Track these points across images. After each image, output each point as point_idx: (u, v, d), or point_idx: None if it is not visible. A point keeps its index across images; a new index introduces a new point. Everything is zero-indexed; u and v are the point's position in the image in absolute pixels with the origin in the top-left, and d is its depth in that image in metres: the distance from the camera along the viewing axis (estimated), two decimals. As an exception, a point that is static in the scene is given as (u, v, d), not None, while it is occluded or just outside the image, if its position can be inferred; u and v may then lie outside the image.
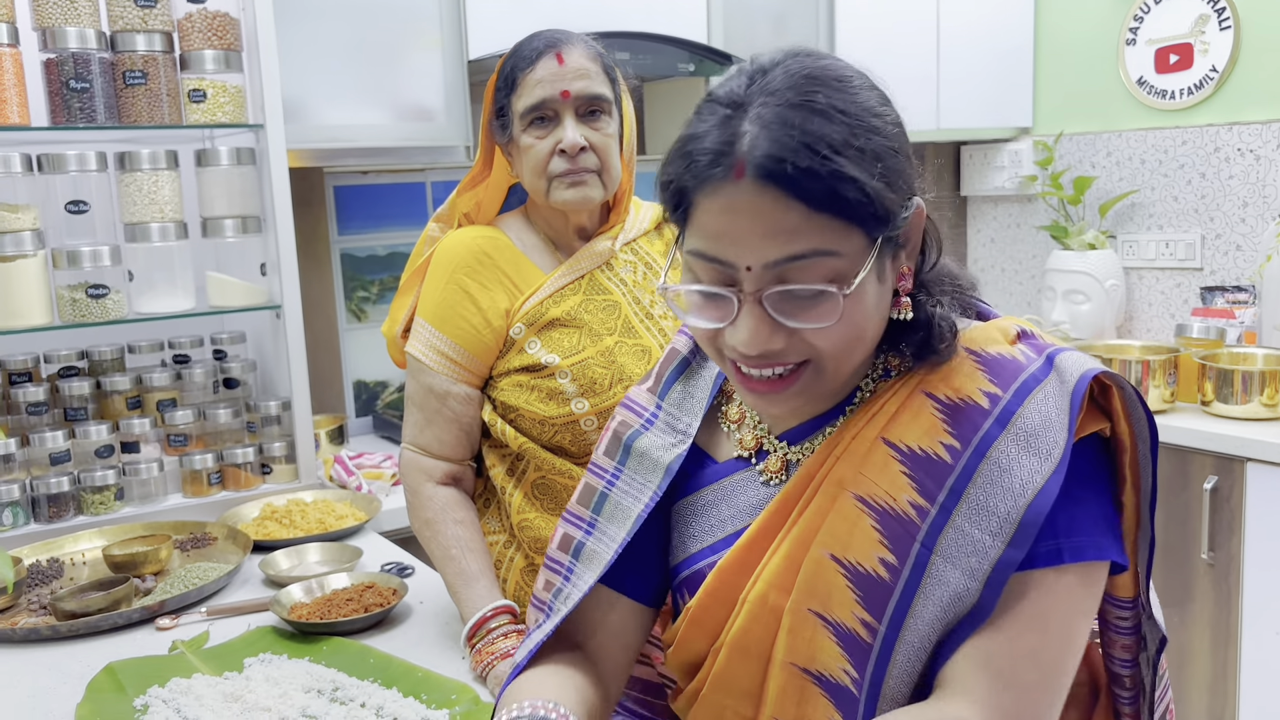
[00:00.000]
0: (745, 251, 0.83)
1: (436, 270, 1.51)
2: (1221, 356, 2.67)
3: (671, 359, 1.08)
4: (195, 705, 1.28)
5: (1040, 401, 0.86)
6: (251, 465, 2.14)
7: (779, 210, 0.81)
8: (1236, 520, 2.42)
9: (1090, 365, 0.88)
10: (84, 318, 1.96)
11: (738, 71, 0.89)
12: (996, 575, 0.84)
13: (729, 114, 0.84)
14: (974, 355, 0.91)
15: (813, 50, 0.89)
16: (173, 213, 2.03)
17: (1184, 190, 3.05)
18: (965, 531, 0.85)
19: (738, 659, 0.94)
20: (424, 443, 1.52)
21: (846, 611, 0.89)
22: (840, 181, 0.80)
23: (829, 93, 0.83)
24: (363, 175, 2.64)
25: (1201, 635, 2.53)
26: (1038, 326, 0.97)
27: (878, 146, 0.83)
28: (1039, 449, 0.85)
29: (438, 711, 1.26)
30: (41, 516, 1.98)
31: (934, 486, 0.87)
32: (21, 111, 1.88)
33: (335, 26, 2.22)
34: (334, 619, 1.49)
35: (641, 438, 1.04)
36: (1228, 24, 2.91)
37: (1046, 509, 0.83)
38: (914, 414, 0.90)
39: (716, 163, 0.82)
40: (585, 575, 1.01)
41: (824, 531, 0.90)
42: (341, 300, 2.66)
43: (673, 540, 1.03)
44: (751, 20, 2.75)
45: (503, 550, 1.54)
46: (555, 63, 1.42)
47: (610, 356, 1.47)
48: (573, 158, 1.43)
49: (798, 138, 0.80)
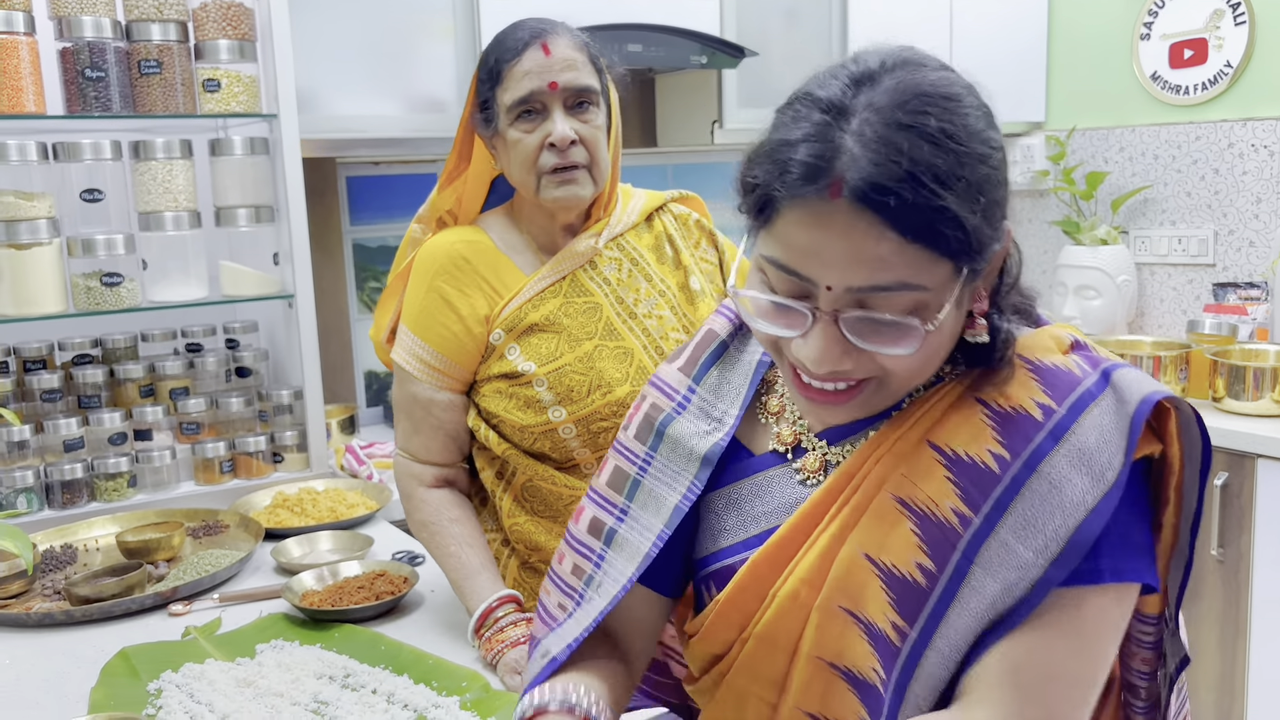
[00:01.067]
0: (828, 271, 0.79)
1: (417, 276, 1.49)
2: (1233, 353, 2.66)
3: (709, 341, 1.04)
4: (208, 690, 1.29)
5: (1096, 419, 0.84)
6: (263, 454, 2.15)
7: (871, 237, 0.77)
8: (1246, 517, 2.42)
9: (1152, 388, 0.85)
10: (98, 306, 1.97)
11: (838, 69, 0.83)
12: (1036, 592, 0.82)
13: (828, 121, 0.79)
14: (1027, 363, 0.88)
15: (921, 56, 0.84)
16: (186, 202, 2.04)
17: (1197, 186, 3.04)
18: (1009, 545, 0.83)
19: (764, 650, 0.94)
20: (413, 449, 1.52)
21: (879, 612, 0.87)
22: (941, 218, 0.76)
23: (939, 114, 0.78)
24: (375, 166, 2.65)
25: (1210, 632, 2.53)
26: (1080, 330, 0.96)
27: (982, 177, 0.79)
28: (1092, 469, 0.82)
29: (448, 698, 1.27)
30: (55, 503, 1.99)
31: (979, 496, 0.85)
32: (37, 100, 1.89)
33: (349, 17, 2.23)
34: (345, 606, 1.50)
35: (675, 423, 1.01)
36: (1243, 19, 2.89)
37: (1097, 531, 0.81)
38: (963, 418, 0.87)
39: (812, 177, 0.78)
40: (618, 564, 0.99)
41: (860, 530, 0.88)
42: (353, 290, 2.67)
43: (701, 531, 1.01)
44: (764, 13, 2.75)
45: (499, 549, 1.54)
46: (541, 54, 1.39)
47: (589, 362, 1.45)
48: (563, 151, 1.40)
49: (904, 166, 0.76)
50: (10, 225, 1.89)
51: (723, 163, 3.13)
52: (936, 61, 0.85)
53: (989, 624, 0.84)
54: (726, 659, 0.97)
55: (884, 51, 0.84)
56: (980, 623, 0.84)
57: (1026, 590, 0.82)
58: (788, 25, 2.80)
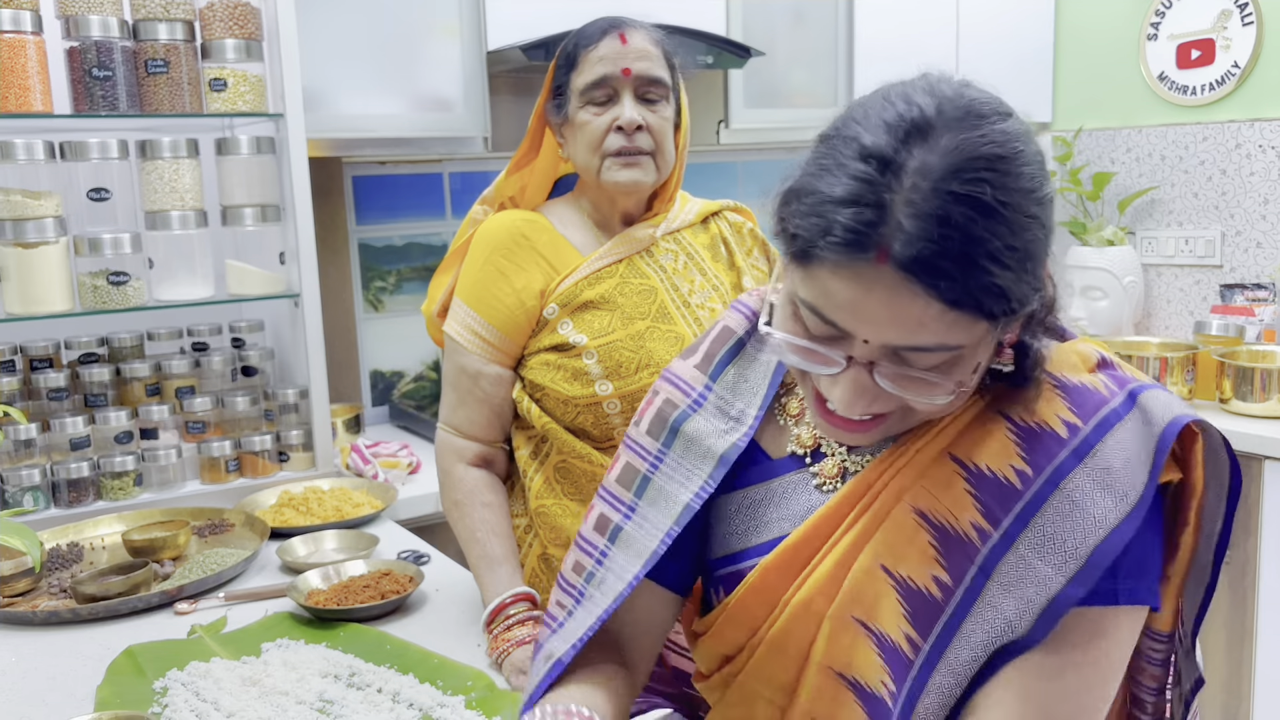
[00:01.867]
0: (867, 327, 0.78)
1: (475, 251, 1.52)
2: (1240, 354, 2.65)
3: (725, 338, 1.03)
4: (214, 689, 1.29)
5: (1121, 439, 0.83)
6: (269, 453, 2.15)
7: (916, 304, 0.75)
8: (1253, 520, 2.41)
9: (1179, 411, 0.84)
10: (105, 304, 1.97)
11: (887, 108, 0.78)
12: (1052, 609, 0.81)
13: (875, 176, 0.75)
14: (1053, 380, 0.87)
15: (980, 102, 0.79)
16: (193, 201, 2.04)
17: (1204, 187, 3.03)
18: (1028, 561, 0.82)
19: (775, 655, 0.93)
20: (457, 422, 1.53)
21: (892, 624, 0.87)
22: (989, 291, 0.75)
23: (996, 181, 0.75)
24: (381, 165, 2.65)
25: (1216, 634, 2.52)
26: (1104, 345, 0.95)
27: (1032, 240, 0.77)
28: (1115, 489, 0.82)
29: (453, 697, 1.27)
30: (62, 501, 2.00)
31: (999, 510, 0.84)
32: (44, 99, 1.90)
33: (355, 17, 2.23)
34: (351, 605, 1.50)
35: (690, 420, 0.99)
36: (1250, 20, 2.88)
37: (1116, 551, 0.81)
38: (986, 433, 0.86)
39: (858, 243, 0.74)
40: (621, 560, 0.98)
41: (877, 540, 0.88)
42: (359, 290, 2.67)
43: (714, 532, 1.00)
44: (770, 13, 2.75)
45: (523, 535, 1.55)
46: (618, 42, 1.44)
47: (640, 341, 1.47)
48: (629, 135, 1.43)
49: (957, 244, 0.73)
50: (17, 224, 1.89)
51: (729, 162, 3.14)
52: (993, 102, 0.80)
53: (1006, 642, 0.83)
54: (736, 661, 0.97)
55: (939, 92, 0.79)
56: (994, 639, 0.84)
57: (1043, 606, 0.82)
58: (794, 26, 2.80)
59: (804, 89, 2.84)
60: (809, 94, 2.85)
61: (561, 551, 1.50)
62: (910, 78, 0.84)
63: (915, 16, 2.98)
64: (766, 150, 3.14)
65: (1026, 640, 0.83)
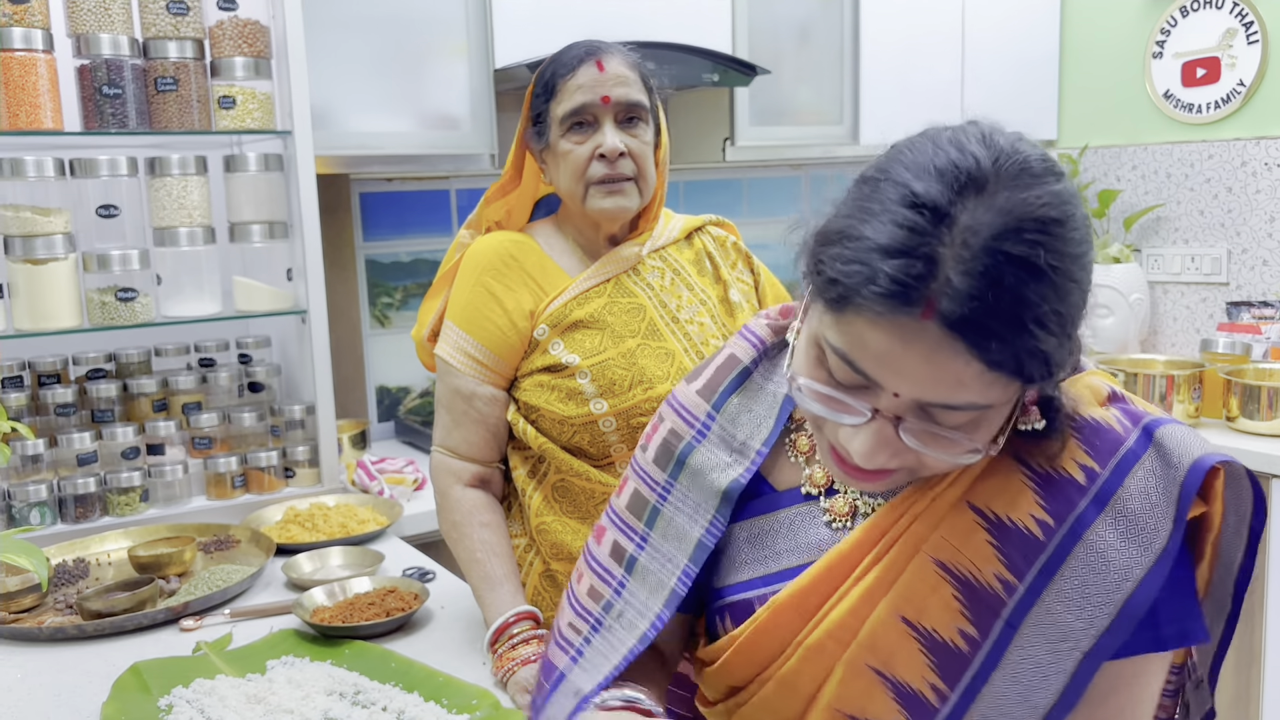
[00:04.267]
0: (900, 382, 0.75)
1: (464, 274, 1.53)
2: (1247, 372, 2.65)
3: (731, 367, 1.01)
4: (219, 706, 1.29)
5: (1141, 482, 0.81)
6: (275, 469, 2.16)
7: (957, 362, 0.73)
8: (1261, 540, 2.40)
9: (1201, 450, 0.82)
10: (113, 320, 1.98)
11: (938, 153, 0.75)
12: (1088, 663, 0.80)
13: (925, 227, 0.72)
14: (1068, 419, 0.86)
15: (1034, 160, 0.76)
16: (201, 218, 2.05)
17: (1210, 204, 3.03)
18: (1056, 614, 0.81)
19: (784, 694, 0.92)
20: (452, 444, 1.53)
21: (915, 674, 0.86)
22: (1033, 355, 0.73)
23: (1049, 245, 0.73)
24: (388, 182, 2.66)
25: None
26: (1117, 380, 0.93)
27: (1074, 304, 0.75)
28: (1140, 537, 0.80)
29: (458, 716, 1.27)
30: (68, 517, 2.00)
31: (1023, 563, 0.82)
32: (55, 116, 1.91)
33: (363, 35, 2.24)
34: (356, 623, 1.50)
35: (695, 452, 0.99)
36: (1255, 38, 2.89)
37: (1149, 602, 0.79)
38: (1003, 479, 0.85)
39: (904, 295, 0.71)
40: (641, 596, 0.98)
41: (896, 593, 0.86)
42: (366, 306, 2.68)
43: (719, 560, 1.00)
44: (776, 31, 2.76)
45: (523, 554, 1.55)
46: (596, 70, 1.44)
47: (631, 358, 1.48)
48: (612, 162, 1.45)
49: (1007, 306, 0.71)
50: (27, 240, 1.91)
51: (734, 179, 3.14)
52: (1047, 161, 0.78)
53: (1040, 696, 0.82)
54: (743, 694, 0.96)
55: (995, 144, 0.76)
56: (1029, 690, 0.82)
57: (1079, 661, 0.80)
58: (799, 44, 2.81)
59: (809, 107, 2.85)
60: (814, 112, 2.86)
61: (564, 566, 1.50)
62: (959, 123, 0.80)
63: (920, 34, 2.99)
64: (772, 167, 3.15)
65: (1067, 700, 0.81)
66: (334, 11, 2.20)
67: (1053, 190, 0.75)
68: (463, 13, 2.34)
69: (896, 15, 2.93)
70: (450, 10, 2.32)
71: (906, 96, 2.95)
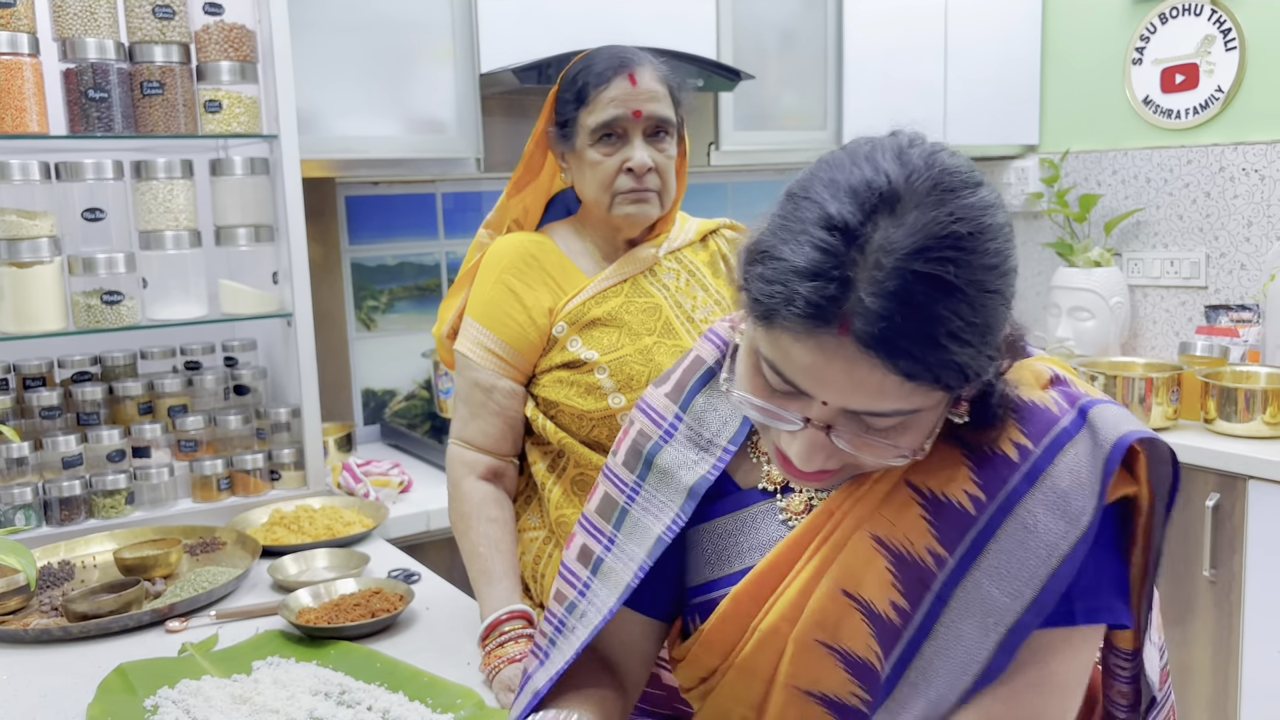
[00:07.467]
0: (826, 391, 0.79)
1: (485, 272, 1.56)
2: (1225, 375, 2.68)
3: (696, 368, 1.04)
4: (204, 706, 1.30)
5: (1071, 460, 0.83)
6: (260, 471, 2.16)
7: (875, 375, 0.75)
8: (1238, 538, 2.43)
9: (1128, 428, 0.83)
10: (98, 324, 1.98)
11: (853, 172, 0.77)
12: (1012, 638, 0.82)
13: (837, 246, 0.74)
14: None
15: (954, 172, 0.78)
16: (187, 221, 2.06)
17: (1189, 209, 3.07)
18: (984, 588, 0.83)
19: (744, 678, 0.96)
20: (469, 436, 1.55)
21: (860, 643, 0.88)
22: (947, 367, 0.75)
23: (961, 260, 0.74)
24: (374, 186, 2.67)
25: (1203, 652, 2.54)
26: (1068, 363, 0.94)
27: (992, 314, 0.77)
28: (1067, 512, 0.82)
29: (443, 715, 1.28)
30: (53, 519, 2.00)
31: (955, 537, 0.85)
32: (40, 120, 1.92)
33: (349, 39, 2.25)
34: (341, 624, 1.51)
35: (662, 452, 1.01)
36: (1233, 45, 2.93)
37: (1071, 576, 0.81)
38: (941, 458, 0.87)
39: (820, 315, 0.74)
40: (602, 594, 1.00)
41: (837, 566, 0.89)
42: (351, 309, 2.69)
43: (690, 561, 1.02)
44: (760, 37, 2.78)
45: (542, 546, 1.57)
46: (629, 83, 1.48)
47: (648, 355, 1.51)
48: (639, 177, 1.48)
49: (917, 323, 0.73)
50: (12, 244, 1.91)
51: (719, 184, 3.16)
52: (963, 171, 0.79)
53: (971, 675, 0.83)
54: (710, 681, 0.99)
55: (909, 160, 0.78)
56: (960, 668, 0.84)
57: (1003, 636, 0.82)
58: (783, 49, 2.83)
59: (793, 112, 2.88)
60: (798, 117, 2.89)
61: None
62: (881, 136, 0.83)
63: (903, 40, 3.01)
64: (756, 171, 3.17)
65: (991, 673, 0.83)
66: (320, 16, 2.21)
67: (965, 204, 0.76)
68: (448, 17, 2.35)
69: (879, 21, 2.95)
70: (436, 14, 2.34)
71: (890, 101, 2.97)
